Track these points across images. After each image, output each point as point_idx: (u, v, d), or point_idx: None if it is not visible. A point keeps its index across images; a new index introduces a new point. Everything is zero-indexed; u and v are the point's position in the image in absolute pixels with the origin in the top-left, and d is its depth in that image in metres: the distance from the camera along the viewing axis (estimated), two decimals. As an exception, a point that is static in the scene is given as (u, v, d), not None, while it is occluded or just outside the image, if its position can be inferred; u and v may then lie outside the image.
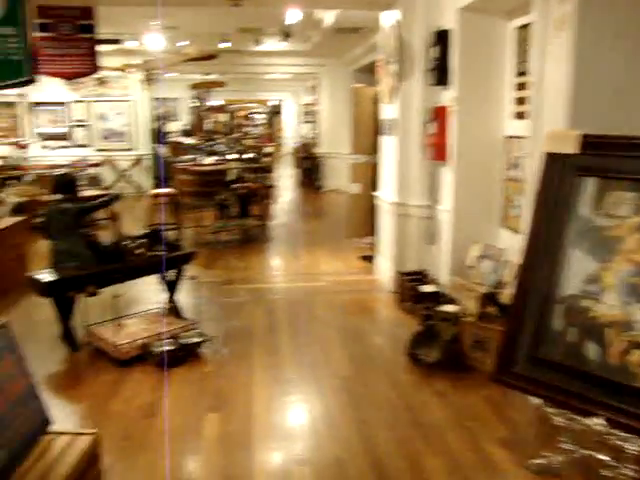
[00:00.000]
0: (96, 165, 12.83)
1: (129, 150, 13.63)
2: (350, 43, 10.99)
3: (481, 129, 5.01)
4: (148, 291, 5.75)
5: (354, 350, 4.66)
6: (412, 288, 5.38)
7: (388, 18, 5.93)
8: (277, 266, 7.68)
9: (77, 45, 6.10)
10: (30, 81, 5.04)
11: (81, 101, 13.34)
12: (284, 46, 11.06)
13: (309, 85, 17.51)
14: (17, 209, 8.47)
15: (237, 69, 14.89)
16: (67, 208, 4.69)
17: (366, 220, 7.17)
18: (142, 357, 4.30)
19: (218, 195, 8.58)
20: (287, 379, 4.15)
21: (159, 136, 13.61)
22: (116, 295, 4.75)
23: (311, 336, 4.97)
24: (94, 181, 12.42)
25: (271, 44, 11.15)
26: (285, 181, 16.16)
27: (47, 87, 12.20)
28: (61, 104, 13.34)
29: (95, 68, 6.28)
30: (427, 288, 5.20)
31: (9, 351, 2.44)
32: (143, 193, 12.28)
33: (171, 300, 5.37)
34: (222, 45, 10.64)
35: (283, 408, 3.76)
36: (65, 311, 4.60)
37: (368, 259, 7.15)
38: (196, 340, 4.48)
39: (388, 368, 4.31)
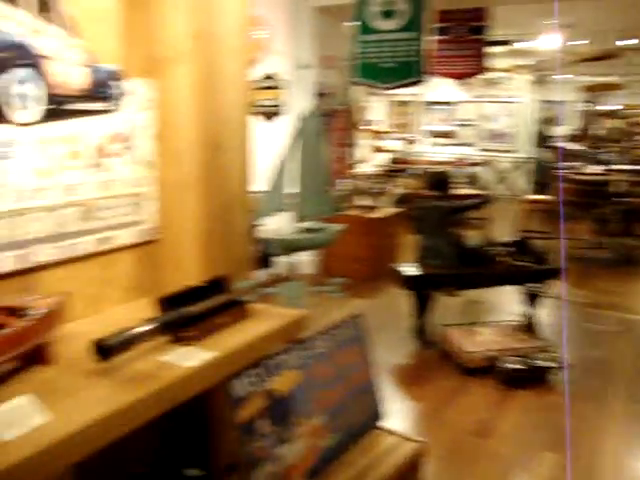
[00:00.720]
0: (476, 164, 12.94)
1: (511, 152, 13.39)
2: None
3: None
4: (507, 301, 5.51)
5: None
6: None
7: None
8: None
9: (467, 46, 6.23)
10: (418, 82, 5.31)
11: (470, 101, 13.62)
12: None
13: None
14: (400, 200, 9.03)
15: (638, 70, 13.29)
16: (438, 206, 4.76)
17: None
18: (487, 369, 4.13)
19: (598, 208, 7.80)
20: (649, 438, 3.50)
21: (542, 140, 13.05)
22: (476, 301, 4.65)
23: None
24: (472, 180, 12.53)
25: None
26: None
27: (440, 87, 12.75)
28: (450, 104, 13.83)
29: (481, 69, 6.32)
30: None
31: (358, 342, 2.52)
32: (519, 197, 11.98)
33: (529, 315, 5.03)
34: (623, 43, 9.51)
35: (636, 473, 3.18)
36: (421, 307, 4.72)
37: None
38: (548, 364, 4.11)
39: None
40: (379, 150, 11.34)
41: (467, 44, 6.24)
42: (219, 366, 1.53)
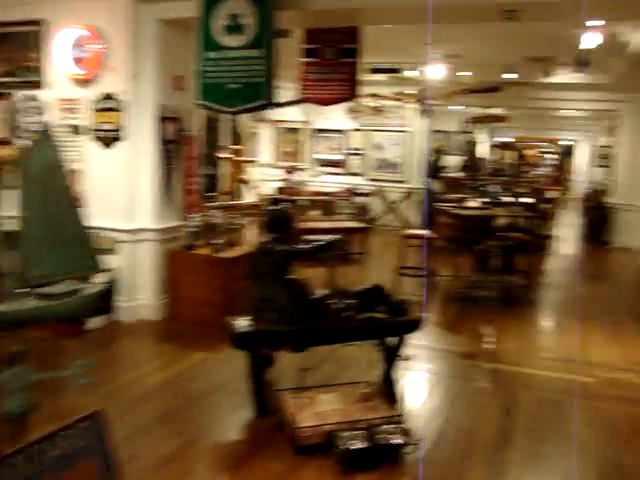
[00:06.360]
0: (366, 195, 12.66)
1: (401, 182, 13.10)
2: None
3: None
4: (362, 357, 4.74)
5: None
6: None
7: None
8: (535, 342, 6.06)
9: (337, 70, 5.72)
10: (268, 105, 4.83)
11: (359, 130, 13.30)
12: (579, 78, 9.22)
13: (607, 124, 14.85)
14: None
15: (524, 103, 13.30)
16: (272, 250, 4.13)
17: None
18: (326, 447, 3.45)
19: (480, 244, 7.31)
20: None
21: (432, 170, 12.88)
22: (303, 368, 3.99)
23: (555, 466, 3.57)
24: (362, 211, 12.25)
25: (564, 76, 9.43)
26: (567, 231, 13.99)
27: (330, 115, 12.55)
28: (340, 132, 13.50)
29: (353, 95, 5.81)
30: None
31: (89, 452, 1.89)
32: (401, 230, 11.64)
33: (384, 375, 4.39)
34: (506, 76, 9.34)
35: None
36: (257, 368, 4.09)
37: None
38: (397, 441, 3.46)
39: None
40: (241, 181, 10.82)
41: (337, 67, 5.71)
42: None
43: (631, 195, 11.75)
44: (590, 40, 6.71)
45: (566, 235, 13.67)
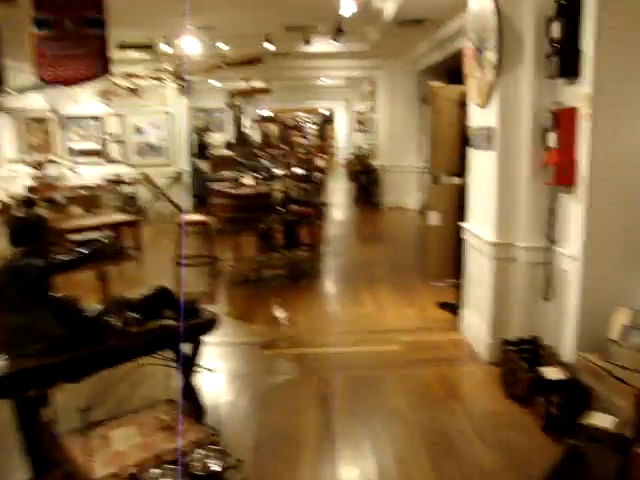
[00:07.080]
0: (131, 183, 11.89)
1: (167, 166, 12.48)
2: (412, 39, 9.44)
3: (628, 141, 3.45)
4: (155, 372, 4.12)
5: (445, 471, 3.11)
6: (527, 369, 3.73)
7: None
8: (333, 317, 5.92)
9: (82, 44, 4.87)
10: None
11: (115, 114, 12.35)
12: (336, 47, 9.49)
13: (365, 90, 15.84)
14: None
15: (285, 74, 13.59)
16: (25, 267, 3.32)
17: (447, 258, 5.50)
18: None
19: (261, 222, 7.11)
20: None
21: (199, 150, 12.59)
22: (84, 409, 3.24)
23: (384, 447, 3.38)
24: (130, 201, 11.48)
25: (322, 45, 9.66)
26: (339, 197, 14.65)
27: (80, 99, 11.50)
28: (94, 118, 12.36)
29: (105, 71, 5.01)
30: (552, 373, 3.58)
31: None
32: (175, 218, 11.29)
33: (185, 389, 3.84)
34: (267, 46, 9.12)
35: None
36: (28, 415, 3.29)
37: (450, 308, 5.45)
38: (215, 468, 2.95)
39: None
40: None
41: (81, 41, 4.86)
42: None
43: (393, 156, 12.47)
44: (347, 8, 6.69)
45: (341, 201, 14.15)
